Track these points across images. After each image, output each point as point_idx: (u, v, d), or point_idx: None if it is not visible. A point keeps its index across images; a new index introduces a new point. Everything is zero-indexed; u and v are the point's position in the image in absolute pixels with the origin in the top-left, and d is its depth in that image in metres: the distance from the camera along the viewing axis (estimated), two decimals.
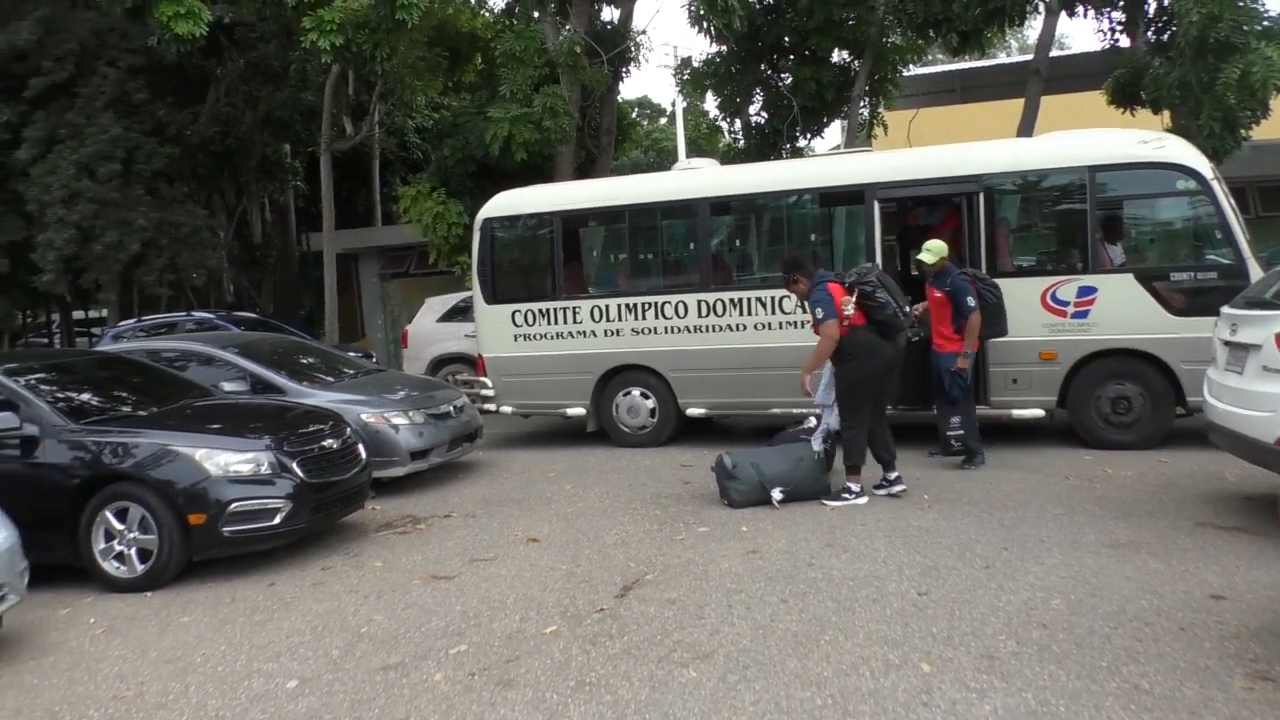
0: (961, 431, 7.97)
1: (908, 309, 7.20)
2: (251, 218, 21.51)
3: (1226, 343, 6.23)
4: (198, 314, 15.12)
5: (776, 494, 7.09)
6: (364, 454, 7.22)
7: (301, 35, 12.90)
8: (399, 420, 8.39)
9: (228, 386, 8.23)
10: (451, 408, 9.04)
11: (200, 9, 12.68)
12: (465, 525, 7.24)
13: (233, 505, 6.09)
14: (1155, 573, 5.16)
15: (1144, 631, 4.37)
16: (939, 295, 7.88)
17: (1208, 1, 9.79)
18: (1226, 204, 8.13)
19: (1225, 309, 6.43)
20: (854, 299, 7.00)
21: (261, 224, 21.97)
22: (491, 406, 10.41)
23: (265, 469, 6.27)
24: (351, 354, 12.20)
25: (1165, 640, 4.27)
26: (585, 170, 16.48)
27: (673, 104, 36.91)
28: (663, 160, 38.05)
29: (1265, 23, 9.90)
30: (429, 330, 14.33)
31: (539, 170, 15.02)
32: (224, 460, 6.17)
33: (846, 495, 7.05)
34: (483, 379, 10.47)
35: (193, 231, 16.58)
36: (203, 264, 16.94)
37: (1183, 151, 8.37)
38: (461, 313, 14.42)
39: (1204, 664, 4.00)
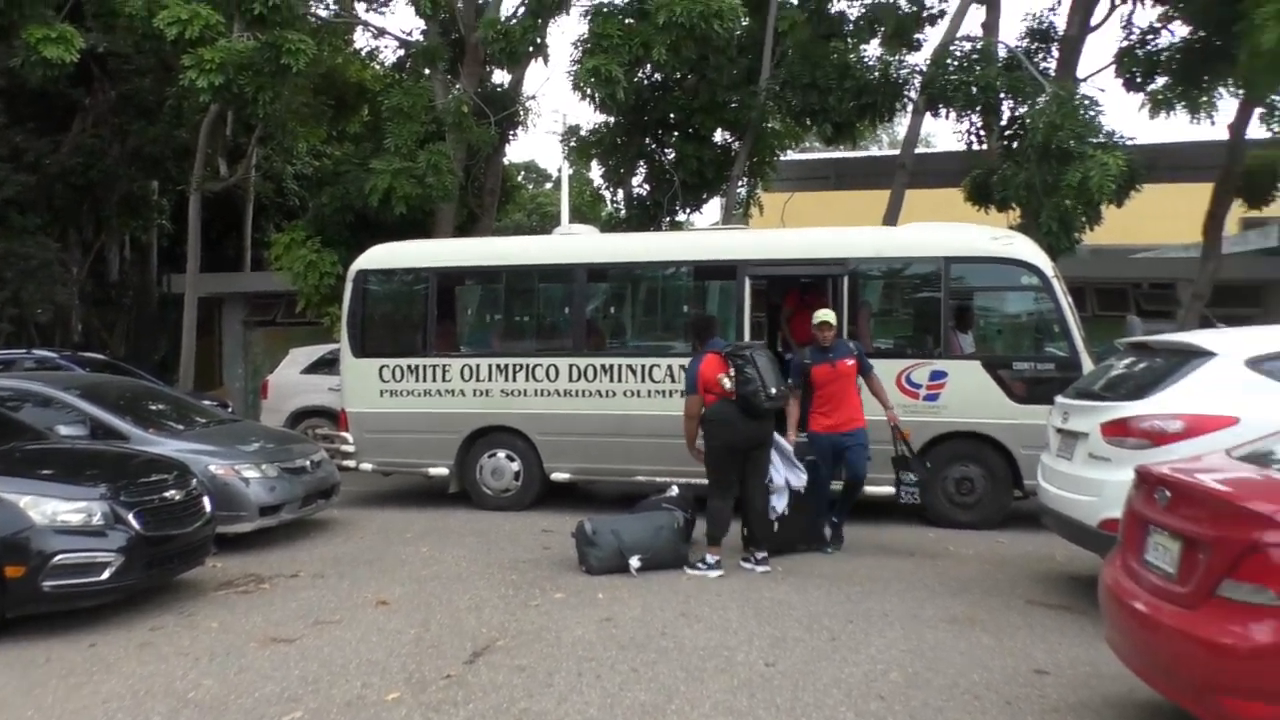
0: (917, 489, 7.76)
1: (779, 390, 7.05)
2: (110, 254, 20.50)
3: (1059, 430, 6.64)
4: (39, 352, 14.24)
5: (635, 562, 7.10)
6: (208, 507, 6.88)
7: (180, 72, 12.54)
8: (250, 473, 8.05)
9: (64, 430, 7.76)
10: (308, 462, 8.74)
11: (73, 35, 12.21)
12: (312, 585, 6.96)
13: (57, 557, 5.69)
14: (987, 648, 5.38)
15: (973, 704, 4.54)
16: (850, 365, 7.54)
17: (1052, 113, 10.65)
18: (1064, 300, 8.74)
19: (1059, 398, 6.87)
20: (731, 372, 7.03)
21: (120, 262, 20.97)
22: (351, 463, 10.12)
23: (97, 519, 5.90)
24: (206, 403, 11.69)
25: (992, 713, 4.44)
26: (466, 228, 16.45)
27: (559, 170, 37.47)
28: (545, 224, 38.35)
29: (1102, 136, 10.82)
30: (292, 381, 13.88)
31: (419, 225, 14.90)
32: (51, 509, 5.78)
33: (701, 565, 7.10)
34: (344, 434, 10.18)
35: (41, 265, 15.72)
36: (50, 299, 16.04)
37: (1028, 249, 8.99)
38: (328, 365, 14.04)
39: None
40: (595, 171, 19.29)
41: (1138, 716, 4.40)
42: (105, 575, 5.84)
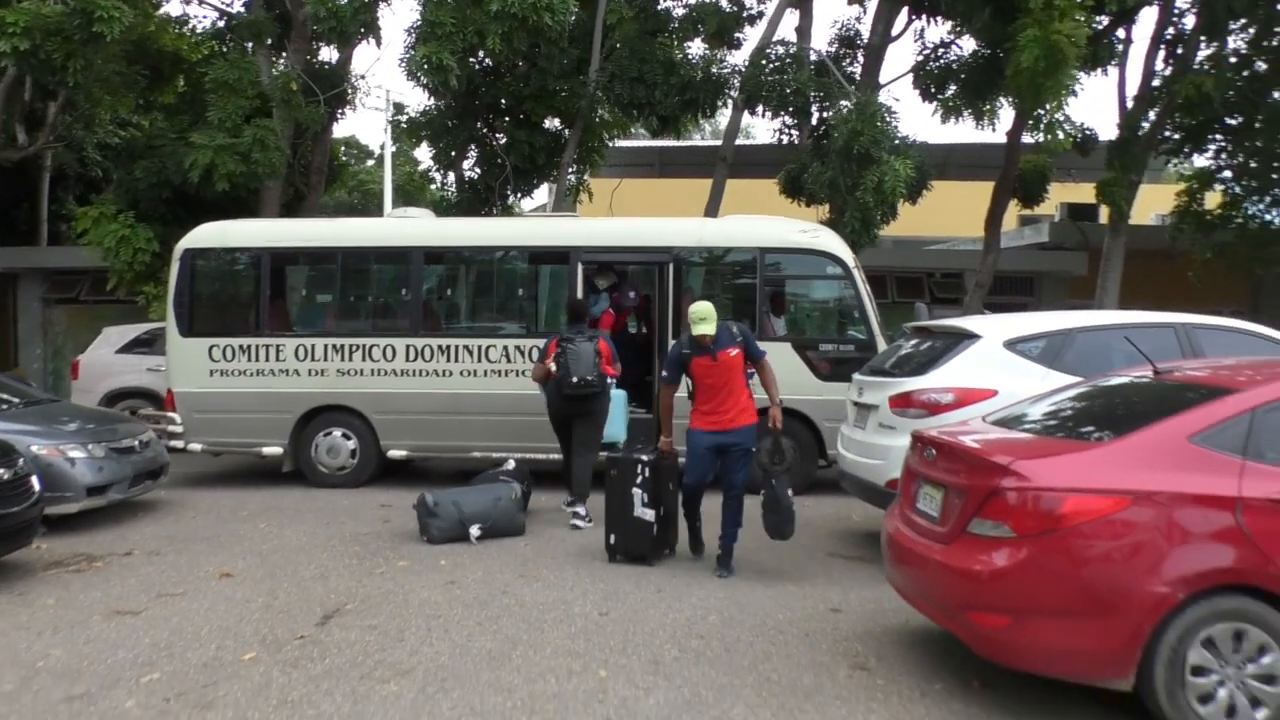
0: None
1: (580, 379, 7.91)
2: None
3: (855, 403, 7.54)
4: None
5: (475, 530, 7.51)
6: (37, 487, 6.78)
7: None
8: (76, 453, 7.90)
9: None
10: (136, 442, 8.61)
11: None
12: (149, 563, 6.98)
13: None
14: (791, 594, 6.15)
15: (778, 638, 5.26)
16: (733, 355, 6.60)
17: (853, 119, 11.72)
18: (864, 288, 9.73)
19: (855, 376, 7.77)
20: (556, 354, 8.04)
21: None
22: (179, 443, 9.97)
23: None
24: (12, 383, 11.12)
25: (793, 644, 5.17)
26: (292, 207, 16.15)
27: (381, 147, 36.64)
28: (368, 202, 37.49)
29: (896, 141, 12.00)
30: (105, 361, 13.33)
31: (242, 202, 14.54)
32: None
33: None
34: (171, 414, 10.01)
35: None
36: None
37: (833, 241, 9.94)
38: (145, 344, 13.58)
39: (820, 660, 4.92)
40: (424, 152, 19.25)
41: (910, 640, 5.24)
42: None
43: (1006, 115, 15.46)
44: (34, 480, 6.77)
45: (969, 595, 4.18)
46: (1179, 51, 14.90)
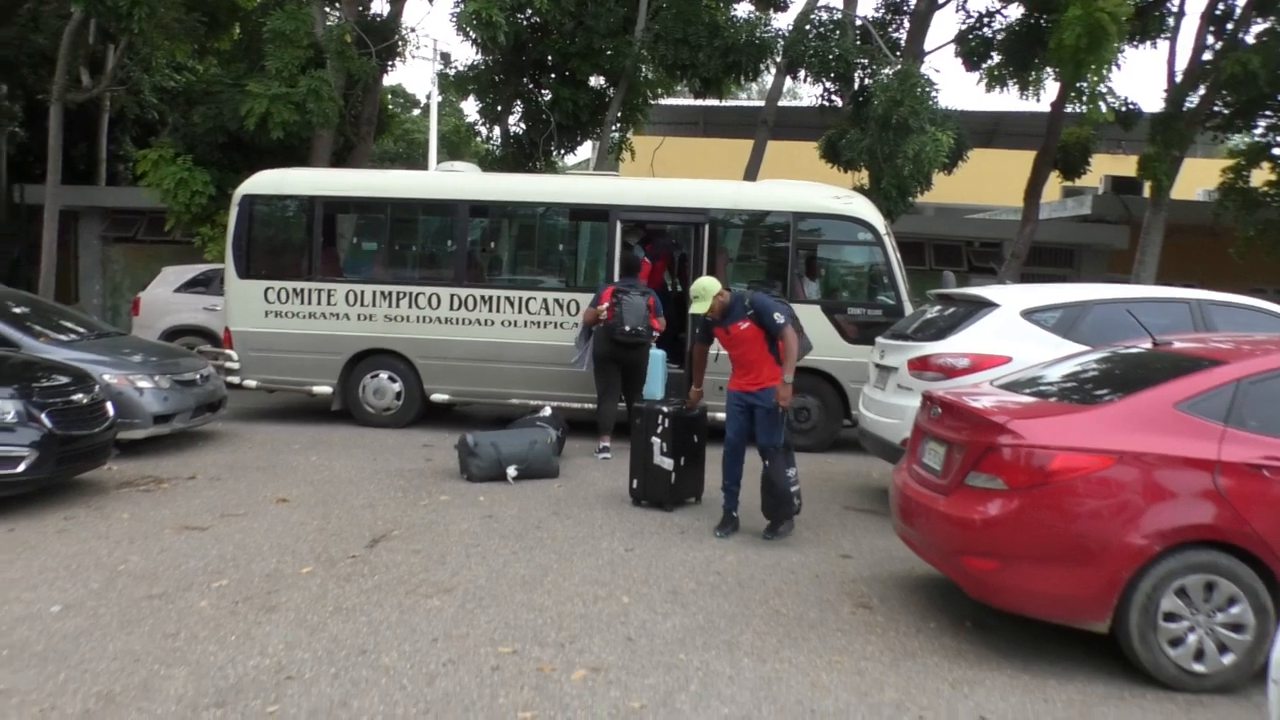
0: (798, 485, 6.75)
1: (633, 329, 8.78)
2: None
3: (877, 365, 7.87)
4: None
5: (512, 471, 7.99)
6: (111, 412, 7.35)
7: None
8: (144, 383, 8.46)
9: None
10: (197, 375, 9.17)
11: None
12: (211, 486, 7.54)
13: None
14: (806, 540, 6.55)
15: (789, 577, 5.68)
16: (744, 329, 6.58)
17: (894, 89, 11.88)
18: (894, 256, 10.00)
19: (879, 339, 8.09)
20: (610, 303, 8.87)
21: None
22: (235, 379, 10.53)
23: (11, 417, 6.35)
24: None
25: (803, 583, 5.58)
26: (342, 156, 16.58)
27: (427, 97, 36.91)
28: (413, 151, 37.90)
29: (934, 112, 12.15)
30: (165, 300, 13.94)
31: (294, 150, 15.00)
32: None
33: (599, 452, 9.18)
34: (228, 351, 10.57)
35: None
36: None
37: (865, 208, 10.19)
38: (202, 284, 14.17)
39: (827, 598, 5.33)
40: (471, 106, 19.56)
41: (913, 585, 5.63)
42: (21, 469, 6.32)
43: (1051, 86, 15.48)
44: (109, 406, 7.33)
45: (963, 541, 4.56)
46: (1229, 27, 14.76)
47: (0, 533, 6.05)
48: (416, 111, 41.51)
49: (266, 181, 10.79)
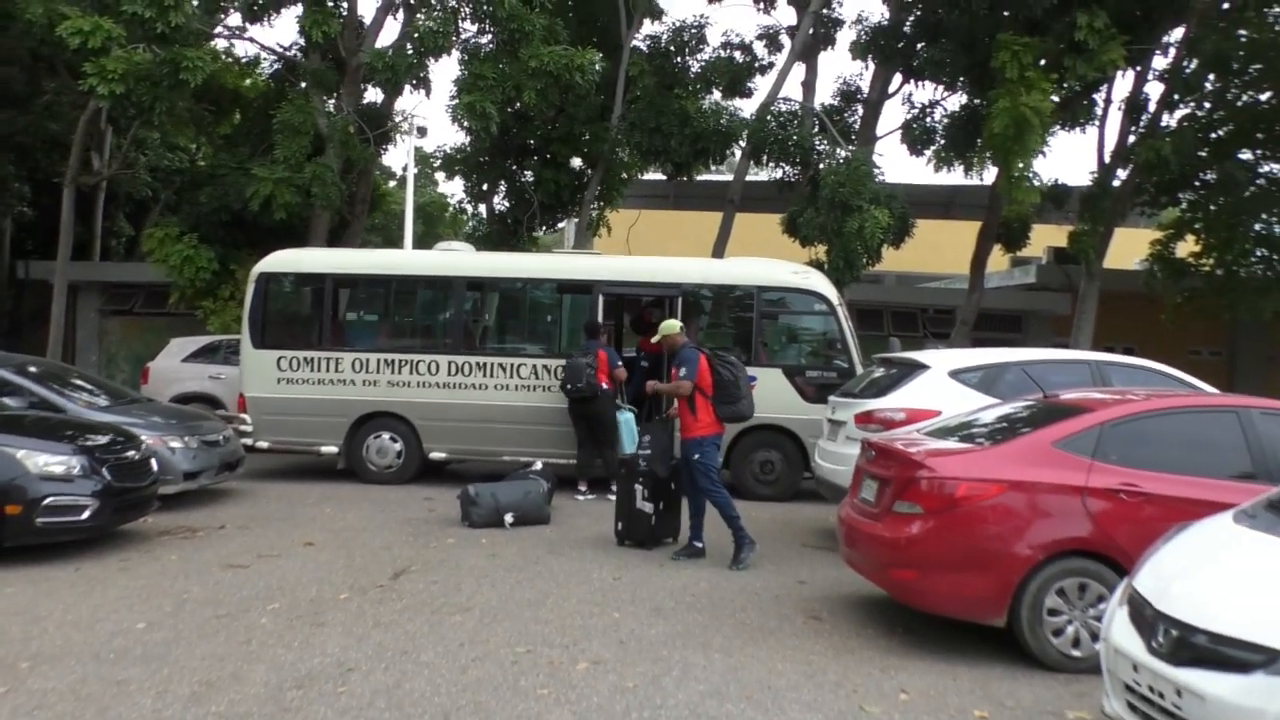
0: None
1: (579, 385, 10.27)
2: None
3: (829, 420, 9.00)
4: None
5: (509, 518, 8.98)
6: (155, 467, 8.30)
7: (82, 80, 13.43)
8: (175, 443, 9.40)
9: (9, 402, 8.89)
10: (220, 436, 10.12)
11: None
12: (242, 534, 8.47)
13: (47, 499, 7.06)
14: (769, 571, 7.58)
15: (753, 598, 6.71)
16: (676, 372, 7.82)
17: (840, 172, 13.27)
18: (846, 323, 11.21)
19: (831, 397, 9.24)
20: None
21: None
22: (249, 440, 11.46)
23: (77, 470, 7.29)
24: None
25: (765, 602, 6.62)
26: (338, 233, 17.75)
27: (404, 169, 38.41)
28: (390, 222, 39.26)
29: (876, 192, 13.56)
30: (173, 369, 14.85)
31: (293, 229, 16.16)
32: (42, 460, 7.15)
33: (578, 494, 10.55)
34: (243, 415, 11.52)
35: None
36: None
37: (820, 282, 11.44)
38: (207, 354, 15.11)
39: (784, 612, 6.37)
40: (457, 185, 20.84)
41: (858, 603, 6.67)
42: (85, 515, 7.25)
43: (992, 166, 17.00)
44: (153, 462, 8.28)
45: (891, 556, 5.63)
46: (1144, 118, 16.39)
47: (69, 572, 6.96)
48: (393, 183, 42.96)
49: (281, 261, 11.88)
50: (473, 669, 5.05)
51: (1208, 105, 16.68)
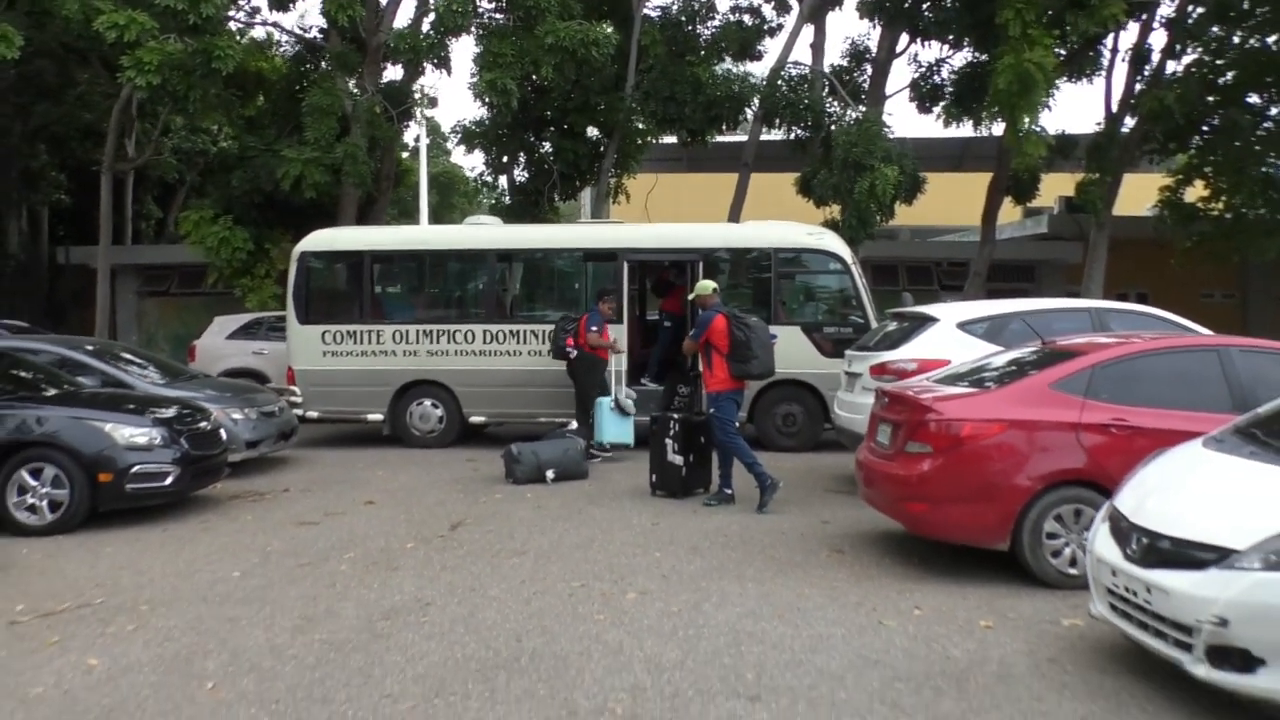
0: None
1: (556, 348, 11.03)
2: (9, 226, 21.18)
3: (847, 372, 9.59)
4: None
5: (550, 474, 9.65)
6: (224, 436, 9.00)
7: (119, 72, 14.02)
8: (236, 415, 10.08)
9: (84, 381, 9.59)
10: (276, 408, 10.82)
11: (12, 34, 13.49)
12: (305, 497, 9.17)
13: (134, 468, 7.75)
14: (794, 514, 8.21)
15: (780, 536, 7.35)
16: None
17: (851, 132, 13.73)
18: (860, 280, 11.74)
19: (848, 351, 9.82)
20: None
21: (18, 234, 21.64)
22: (299, 411, 12.15)
23: (159, 441, 7.97)
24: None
25: (792, 540, 7.26)
26: (365, 210, 18.34)
27: (416, 140, 38.95)
28: (404, 195, 39.90)
29: (884, 149, 14.01)
30: (218, 346, 15.56)
31: (323, 208, 16.75)
32: (127, 432, 7.83)
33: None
34: (292, 388, 12.22)
35: None
36: None
37: (834, 242, 11.96)
38: (249, 330, 15.81)
39: (809, 548, 7.00)
40: (476, 159, 21.31)
41: (877, 538, 7.30)
42: (168, 481, 7.94)
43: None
44: (223, 432, 8.98)
45: (905, 491, 6.24)
46: (1148, 68, 16.68)
47: (158, 532, 7.67)
48: (406, 154, 43.44)
49: (320, 240, 12.51)
50: (535, 600, 5.72)
51: (1213, 51, 16.93)
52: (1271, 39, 16.64)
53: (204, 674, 4.60)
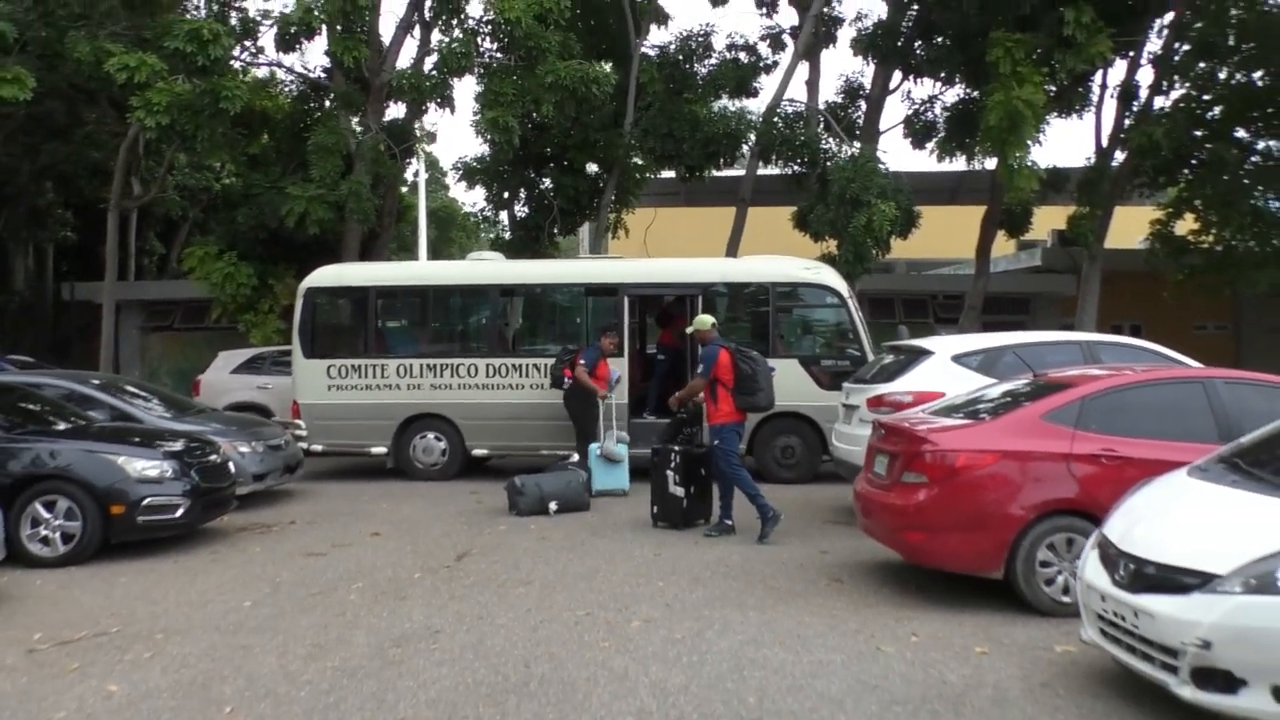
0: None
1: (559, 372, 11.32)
2: (15, 263, 21.42)
3: (844, 405, 9.77)
4: None
5: (553, 505, 9.79)
6: (233, 470, 9.15)
7: (128, 112, 14.31)
8: (244, 448, 10.23)
9: (92, 415, 9.75)
10: (282, 441, 10.96)
11: (25, 76, 13.79)
12: (312, 529, 9.30)
13: (145, 500, 7.90)
14: (794, 545, 8.35)
15: (781, 567, 7.49)
16: (699, 370, 8.85)
17: (848, 169, 14.02)
18: (856, 314, 11.95)
19: (845, 384, 10.00)
20: None
21: (24, 271, 21.89)
22: (304, 444, 12.30)
23: (170, 474, 8.12)
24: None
25: (792, 569, 7.40)
26: (367, 245, 18.59)
27: (415, 175, 39.50)
28: (403, 230, 40.33)
29: (881, 185, 14.29)
30: (223, 380, 15.71)
31: (326, 244, 17.01)
32: (140, 465, 7.99)
33: None
34: (298, 421, 12.37)
35: None
36: None
37: (830, 276, 12.19)
38: (253, 365, 15.98)
39: (808, 577, 7.15)
40: (477, 194, 21.61)
41: (875, 568, 7.44)
42: (178, 514, 8.08)
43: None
44: (231, 466, 9.13)
45: (902, 520, 6.40)
46: (1136, 105, 17.03)
47: (169, 564, 7.80)
48: (405, 189, 43.91)
49: (326, 275, 12.73)
50: (542, 628, 5.86)
51: (1199, 87, 17.28)
52: (1257, 74, 17.00)
53: (221, 699, 4.73)
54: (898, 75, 18.10)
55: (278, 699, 4.72)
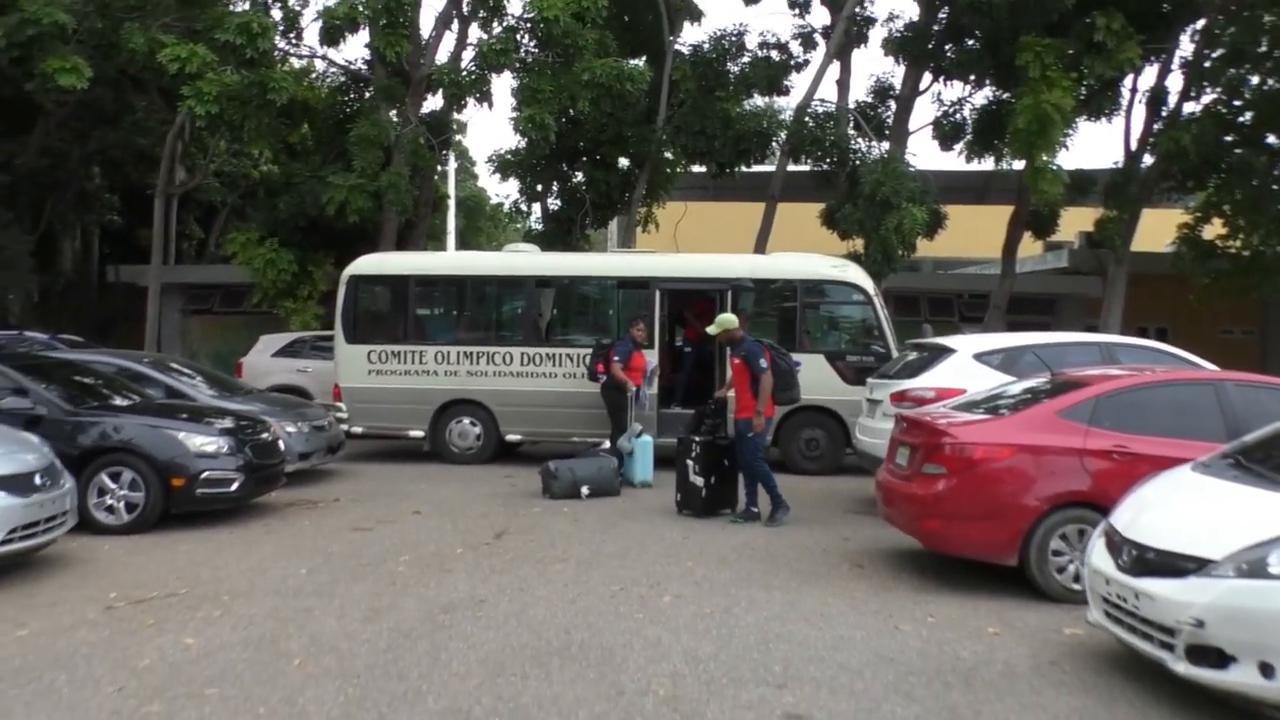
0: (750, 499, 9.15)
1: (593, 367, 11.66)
2: (63, 245, 22.10)
3: (868, 399, 10.10)
4: (29, 334, 16.14)
5: (585, 489, 10.19)
6: (282, 447, 9.61)
7: (179, 101, 14.83)
8: (290, 428, 10.68)
9: (150, 392, 10.24)
10: (325, 422, 11.43)
11: (83, 66, 14.32)
12: (356, 506, 9.75)
13: (204, 474, 8.37)
14: (817, 532, 8.70)
15: (804, 551, 7.85)
16: (737, 362, 9.04)
17: (878, 171, 14.30)
18: (883, 312, 12.26)
19: (869, 379, 10.34)
20: None
21: (72, 253, 22.57)
22: (345, 427, 12.76)
23: (225, 450, 8.59)
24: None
25: (815, 554, 7.76)
26: (404, 234, 19.05)
27: (445, 165, 40.15)
28: (436, 216, 40.96)
29: (910, 188, 14.56)
30: (264, 364, 16.22)
31: (365, 232, 17.46)
32: (198, 441, 8.46)
33: None
34: (339, 404, 12.84)
35: (16, 255, 17.50)
36: (22, 285, 17.81)
37: (857, 274, 12.50)
38: (293, 349, 16.48)
39: (831, 562, 7.50)
40: (510, 186, 21.98)
41: (895, 554, 7.78)
42: (234, 487, 8.55)
43: None
44: (281, 443, 9.59)
45: (920, 509, 6.74)
46: (1164, 110, 17.17)
47: (225, 534, 8.26)
48: (435, 178, 44.53)
49: (368, 264, 13.19)
50: (579, 600, 6.25)
51: (1230, 92, 17.39)
52: None
53: (289, 653, 5.16)
54: (927, 77, 18.32)
55: (340, 654, 5.15)
